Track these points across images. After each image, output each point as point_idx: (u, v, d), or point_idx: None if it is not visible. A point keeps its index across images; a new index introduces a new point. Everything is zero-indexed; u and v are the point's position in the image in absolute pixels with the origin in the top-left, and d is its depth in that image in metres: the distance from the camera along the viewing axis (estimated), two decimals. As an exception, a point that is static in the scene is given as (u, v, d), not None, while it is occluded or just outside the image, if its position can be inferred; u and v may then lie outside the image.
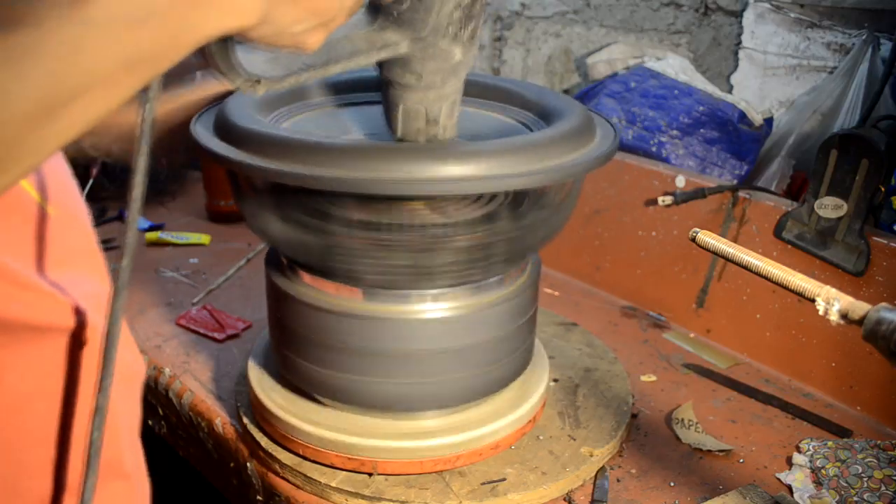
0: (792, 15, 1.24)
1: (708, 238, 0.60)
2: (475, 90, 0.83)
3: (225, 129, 0.69)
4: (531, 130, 0.78)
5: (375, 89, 0.70)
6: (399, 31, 0.62)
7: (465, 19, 0.62)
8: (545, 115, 0.78)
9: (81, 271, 0.55)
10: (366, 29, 0.62)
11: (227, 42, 0.51)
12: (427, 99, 0.67)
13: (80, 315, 0.52)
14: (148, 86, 0.45)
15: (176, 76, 0.69)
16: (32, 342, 0.50)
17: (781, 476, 0.82)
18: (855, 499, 0.77)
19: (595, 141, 0.72)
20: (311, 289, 0.76)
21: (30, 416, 0.52)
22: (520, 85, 0.85)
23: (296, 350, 0.78)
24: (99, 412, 0.48)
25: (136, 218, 0.47)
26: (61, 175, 0.58)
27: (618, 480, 0.81)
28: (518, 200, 0.78)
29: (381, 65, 0.66)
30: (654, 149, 1.22)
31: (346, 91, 0.85)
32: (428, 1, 0.60)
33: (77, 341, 0.52)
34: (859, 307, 0.51)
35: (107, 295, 0.49)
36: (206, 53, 0.51)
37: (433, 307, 0.73)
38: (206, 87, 0.77)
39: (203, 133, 0.70)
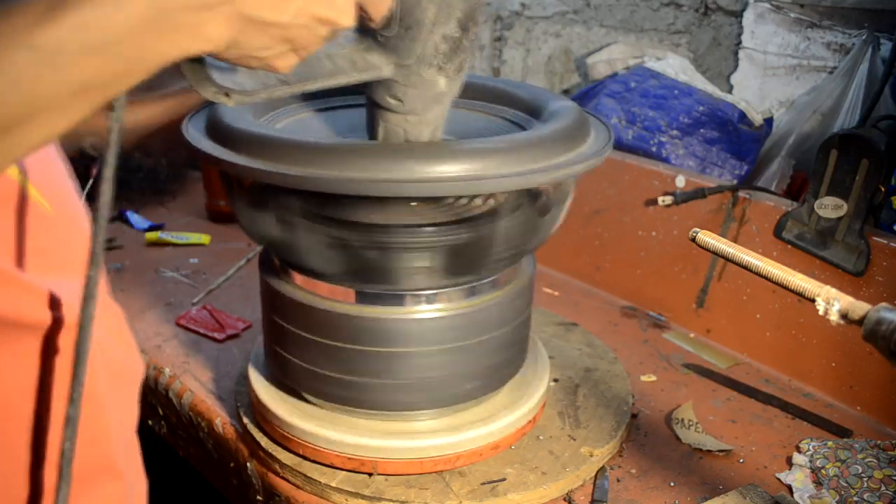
0: (792, 15, 1.24)
1: (708, 238, 0.60)
2: (469, 92, 0.83)
3: (217, 130, 0.68)
4: (524, 131, 0.78)
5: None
6: (384, 56, 0.61)
7: (453, 52, 0.62)
8: (538, 115, 0.78)
9: (74, 270, 0.54)
10: (350, 47, 0.61)
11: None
12: (408, 122, 0.66)
13: (60, 311, 0.51)
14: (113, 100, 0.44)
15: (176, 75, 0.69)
16: (15, 339, 0.50)
17: (781, 476, 0.82)
18: (855, 499, 0.77)
19: (589, 140, 0.72)
20: (304, 290, 0.75)
21: (11, 414, 0.51)
22: (512, 85, 0.85)
23: (289, 351, 0.78)
24: (70, 423, 0.47)
25: (104, 226, 0.46)
26: (57, 174, 0.57)
27: (618, 480, 0.80)
28: (512, 200, 0.78)
29: (365, 83, 0.65)
30: (654, 149, 1.22)
31: (342, 93, 0.85)
32: (415, 31, 0.59)
33: (58, 339, 0.52)
34: (859, 307, 0.51)
35: (99, 295, 0.48)
36: (177, 63, 0.50)
37: (427, 308, 0.73)
38: None
39: (195, 133, 0.69)
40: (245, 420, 0.84)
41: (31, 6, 0.39)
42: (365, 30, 0.61)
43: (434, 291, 0.73)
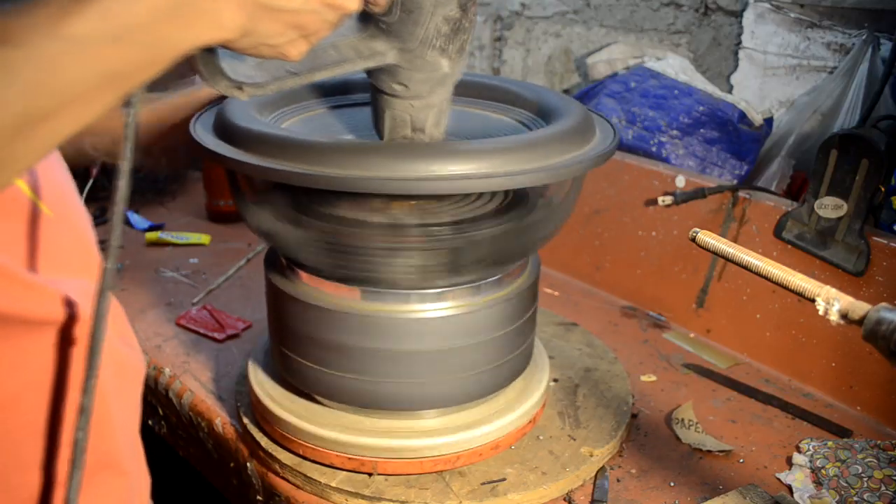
0: (792, 15, 1.24)
1: (708, 238, 0.60)
2: (475, 90, 0.83)
3: (224, 129, 0.69)
4: (530, 130, 0.78)
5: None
6: (387, 42, 0.62)
7: (453, 33, 0.62)
8: (544, 115, 0.78)
9: (75, 271, 0.55)
10: (354, 36, 0.62)
11: (210, 48, 0.51)
12: (413, 108, 0.67)
13: (71, 309, 0.52)
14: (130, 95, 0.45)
15: (179, 77, 0.69)
16: (23, 336, 0.50)
17: (781, 476, 0.82)
18: (855, 499, 0.77)
19: (594, 140, 0.72)
20: (310, 288, 0.76)
21: (22, 410, 0.52)
22: (518, 85, 0.85)
23: (295, 350, 0.78)
24: (83, 413, 0.48)
25: (121, 220, 0.47)
26: (58, 177, 0.58)
27: (618, 480, 0.81)
28: (517, 200, 0.78)
29: (369, 72, 0.66)
30: (654, 149, 1.22)
31: (347, 92, 0.85)
32: (416, 14, 0.60)
33: (68, 336, 0.52)
34: (859, 307, 0.51)
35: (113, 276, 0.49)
36: (190, 58, 0.50)
37: (432, 307, 0.73)
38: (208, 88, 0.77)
39: (202, 132, 0.70)
40: (245, 420, 0.84)
41: None
42: (367, 18, 0.61)
43: (440, 290, 0.73)
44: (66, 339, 0.52)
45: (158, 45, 0.43)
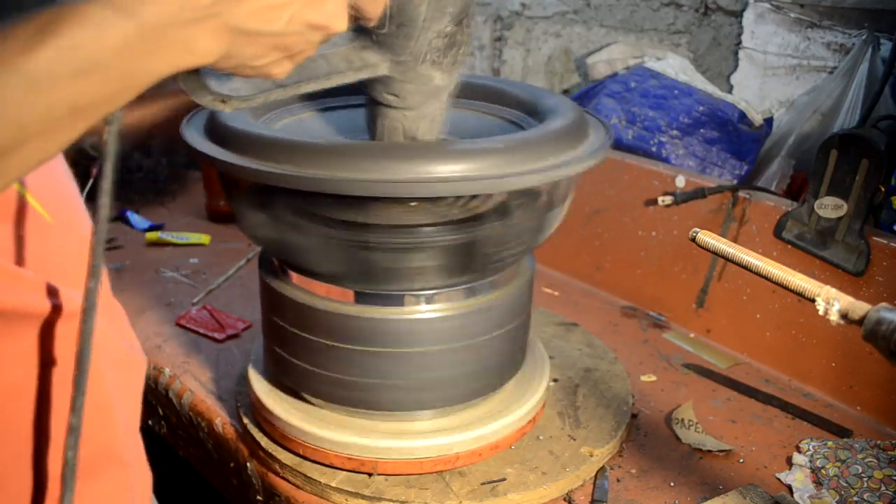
0: (792, 15, 1.24)
1: (708, 238, 0.60)
2: (467, 92, 0.83)
3: (215, 130, 0.68)
4: (523, 130, 0.78)
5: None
6: (379, 53, 0.61)
7: (447, 47, 0.62)
8: (537, 115, 0.78)
9: (73, 279, 0.54)
10: (346, 46, 0.61)
11: None
12: (406, 117, 0.66)
13: (62, 300, 0.51)
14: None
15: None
16: (16, 329, 0.50)
17: (781, 476, 0.82)
18: (855, 499, 0.77)
19: (587, 141, 0.72)
20: (303, 290, 0.75)
21: (16, 404, 0.52)
22: (510, 84, 0.85)
23: (288, 352, 0.78)
24: (73, 432, 0.47)
25: (103, 238, 0.46)
26: (61, 185, 0.57)
27: (618, 480, 0.80)
28: (511, 200, 0.77)
29: (363, 81, 0.65)
30: (654, 149, 1.22)
31: (341, 94, 0.85)
32: (408, 28, 0.59)
33: (60, 328, 0.52)
34: (859, 307, 0.51)
35: (97, 295, 0.48)
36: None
37: (426, 308, 0.73)
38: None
39: (193, 134, 0.69)
40: (245, 420, 0.84)
41: (19, 31, 0.38)
42: (359, 28, 0.61)
43: (433, 292, 0.73)
44: (59, 334, 0.52)
45: (129, 76, 0.41)
